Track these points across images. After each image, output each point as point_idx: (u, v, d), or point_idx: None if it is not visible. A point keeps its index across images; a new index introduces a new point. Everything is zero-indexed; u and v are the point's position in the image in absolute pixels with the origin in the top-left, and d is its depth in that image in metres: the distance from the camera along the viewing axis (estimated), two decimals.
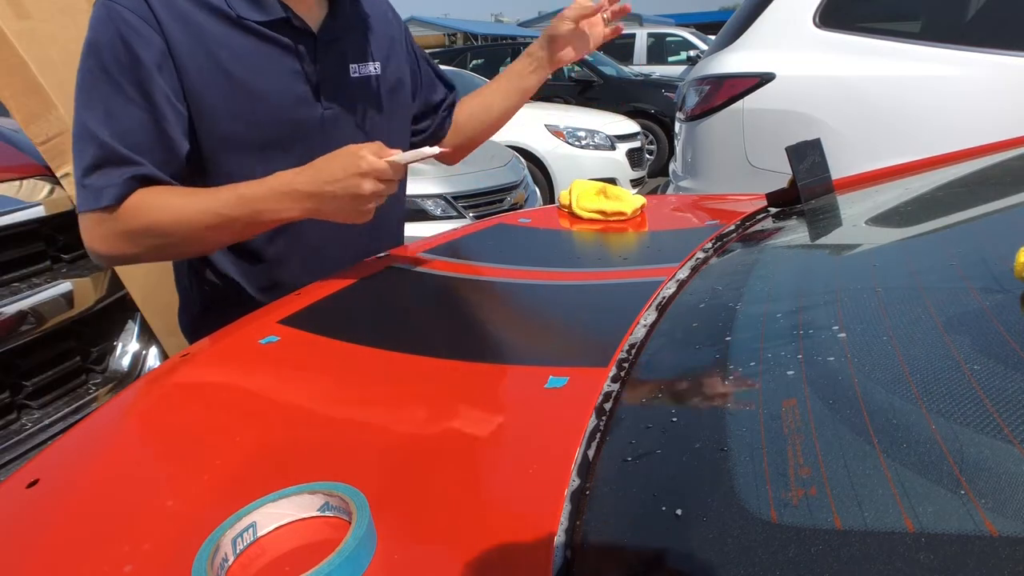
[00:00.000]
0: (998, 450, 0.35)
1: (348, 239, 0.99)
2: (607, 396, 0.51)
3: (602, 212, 1.13)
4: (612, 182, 1.64)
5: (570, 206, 1.17)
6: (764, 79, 2.22)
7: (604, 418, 0.49)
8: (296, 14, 0.89)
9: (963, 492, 0.33)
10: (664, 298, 0.71)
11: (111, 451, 0.53)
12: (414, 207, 3.03)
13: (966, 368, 0.43)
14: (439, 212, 3.15)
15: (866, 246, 0.81)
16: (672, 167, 2.87)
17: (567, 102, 7.38)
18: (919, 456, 0.36)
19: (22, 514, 0.45)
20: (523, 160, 4.08)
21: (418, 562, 0.37)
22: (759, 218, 1.09)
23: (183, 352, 0.69)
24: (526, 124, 5.47)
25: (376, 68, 1.03)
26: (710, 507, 0.36)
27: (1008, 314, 0.50)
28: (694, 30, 12.67)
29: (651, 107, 7.28)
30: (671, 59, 11.42)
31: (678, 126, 2.72)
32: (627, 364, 0.57)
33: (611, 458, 0.44)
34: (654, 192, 4.55)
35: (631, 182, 5.50)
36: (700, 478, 0.39)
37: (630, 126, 5.89)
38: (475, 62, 8.75)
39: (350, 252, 0.99)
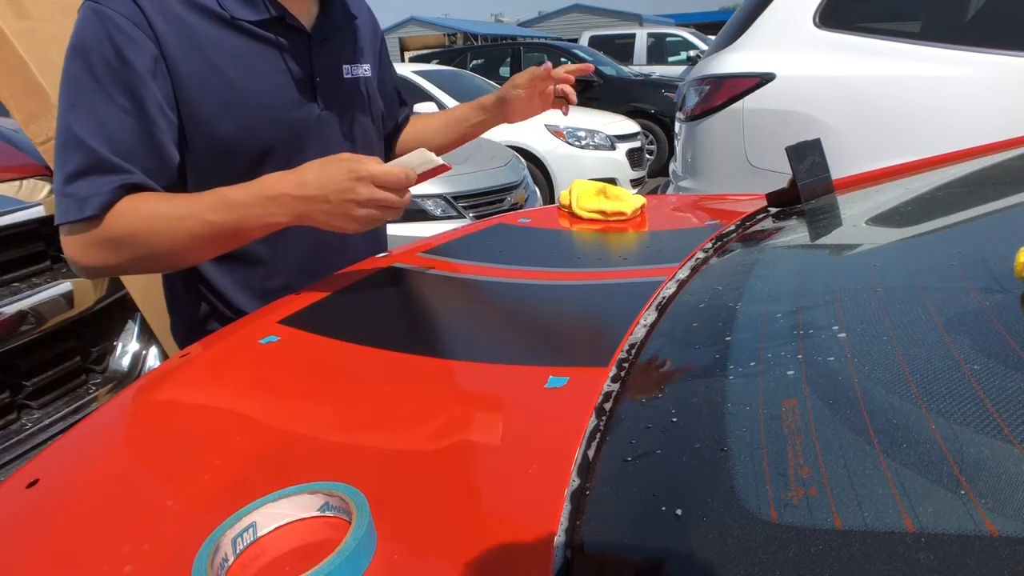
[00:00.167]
0: (998, 450, 0.35)
1: (343, 245, 0.97)
2: (607, 396, 0.51)
3: (602, 212, 1.13)
4: (612, 182, 1.64)
5: (570, 206, 1.17)
6: (764, 79, 2.22)
7: (604, 418, 0.49)
8: (290, 12, 0.87)
9: (963, 492, 0.33)
10: (664, 298, 0.71)
11: (111, 451, 0.53)
12: (414, 207, 3.04)
13: (966, 368, 0.43)
14: (439, 212, 3.15)
15: (866, 246, 0.81)
16: (672, 167, 2.87)
17: None
18: (919, 456, 0.36)
19: (22, 514, 0.45)
20: (523, 160, 4.08)
21: (418, 562, 0.37)
22: (759, 218, 1.09)
23: (183, 352, 0.69)
24: (526, 124, 5.47)
25: (366, 69, 1.02)
26: (710, 507, 0.36)
27: (1008, 314, 0.50)
28: (694, 30, 12.69)
29: (651, 107, 7.29)
30: (671, 59, 11.44)
31: (678, 126, 2.72)
32: (627, 364, 0.57)
33: (611, 458, 0.44)
34: (654, 192, 4.55)
35: (631, 182, 5.50)
36: (700, 478, 0.39)
37: (630, 126, 5.89)
38: (475, 62, 8.75)
39: (347, 259, 0.97)
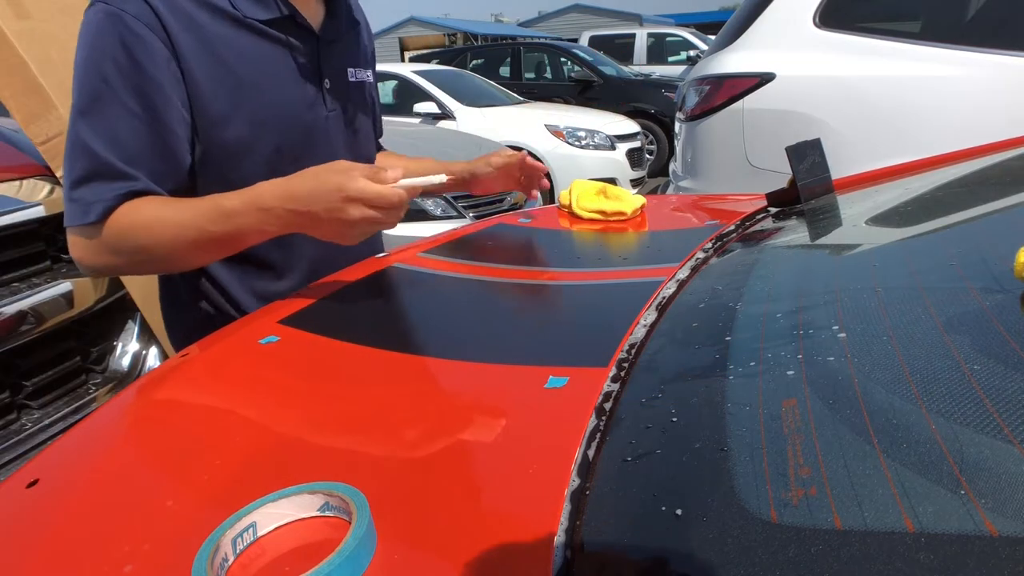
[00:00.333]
0: (998, 450, 0.35)
1: (353, 248, 0.97)
2: (607, 396, 0.51)
3: (602, 212, 1.13)
4: (612, 182, 1.64)
5: (570, 206, 1.17)
6: (764, 79, 2.22)
7: (604, 418, 0.49)
8: (299, 12, 0.88)
9: (963, 492, 0.33)
10: (664, 298, 0.71)
11: (111, 451, 0.53)
12: (414, 207, 3.03)
13: (966, 368, 0.43)
14: (439, 212, 3.15)
15: (866, 246, 0.81)
16: (672, 167, 2.87)
17: (567, 102, 7.38)
18: (919, 456, 0.36)
19: (22, 514, 0.45)
20: None
21: (418, 562, 0.37)
22: (759, 218, 1.09)
23: (183, 352, 0.69)
24: (526, 124, 5.48)
25: (369, 76, 1.02)
26: (710, 507, 0.36)
27: (1008, 314, 0.50)
28: (694, 30, 12.69)
29: (651, 107, 7.29)
30: (671, 59, 11.44)
31: (678, 126, 2.72)
32: (627, 364, 0.57)
33: (611, 458, 0.44)
34: (654, 192, 4.55)
35: (631, 182, 5.50)
36: (700, 478, 0.39)
37: (630, 126, 5.89)
38: (475, 62, 8.75)
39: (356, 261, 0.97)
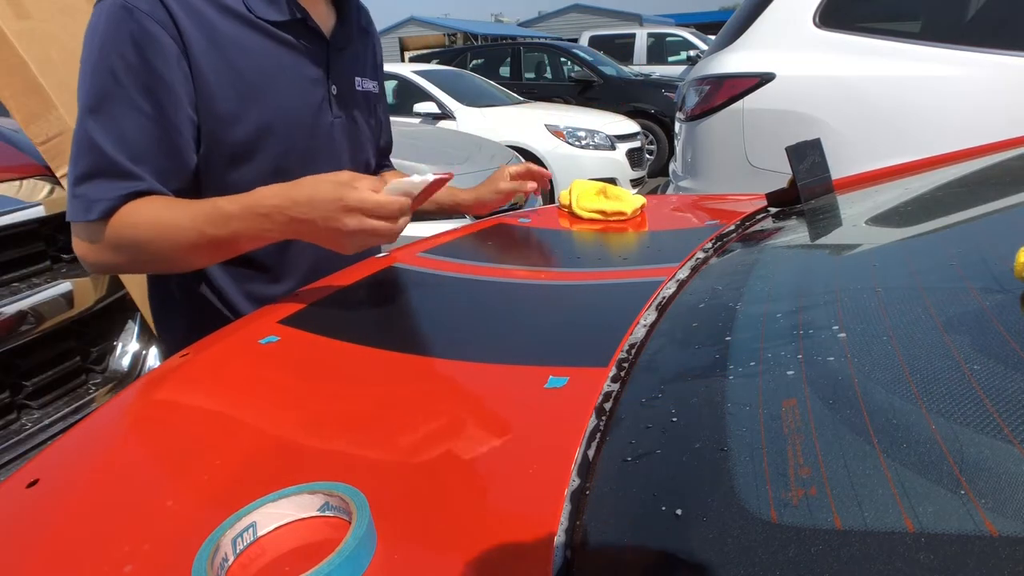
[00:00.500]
0: (998, 450, 0.35)
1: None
2: (607, 396, 0.51)
3: (602, 212, 1.13)
4: (612, 182, 1.64)
5: (570, 206, 1.17)
6: (764, 79, 2.22)
7: (604, 418, 0.49)
8: (311, 16, 0.87)
9: (963, 492, 0.33)
10: (664, 298, 0.71)
11: (111, 451, 0.53)
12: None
13: (966, 368, 0.43)
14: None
15: (866, 246, 0.81)
16: (672, 167, 2.87)
17: (567, 102, 7.38)
18: (919, 456, 0.36)
19: (22, 514, 0.45)
20: (523, 160, 4.08)
21: (418, 562, 0.37)
22: (759, 218, 1.09)
23: (183, 352, 0.69)
24: (526, 124, 5.48)
25: (374, 86, 1.02)
26: (710, 507, 0.36)
27: (1008, 314, 0.50)
28: (694, 30, 12.69)
29: (651, 107, 7.29)
30: (671, 59, 11.45)
31: (678, 126, 2.72)
32: (627, 364, 0.57)
33: (611, 458, 0.44)
34: (654, 192, 4.55)
35: (631, 182, 5.50)
36: (700, 478, 0.39)
37: (630, 126, 5.89)
38: (475, 62, 8.75)
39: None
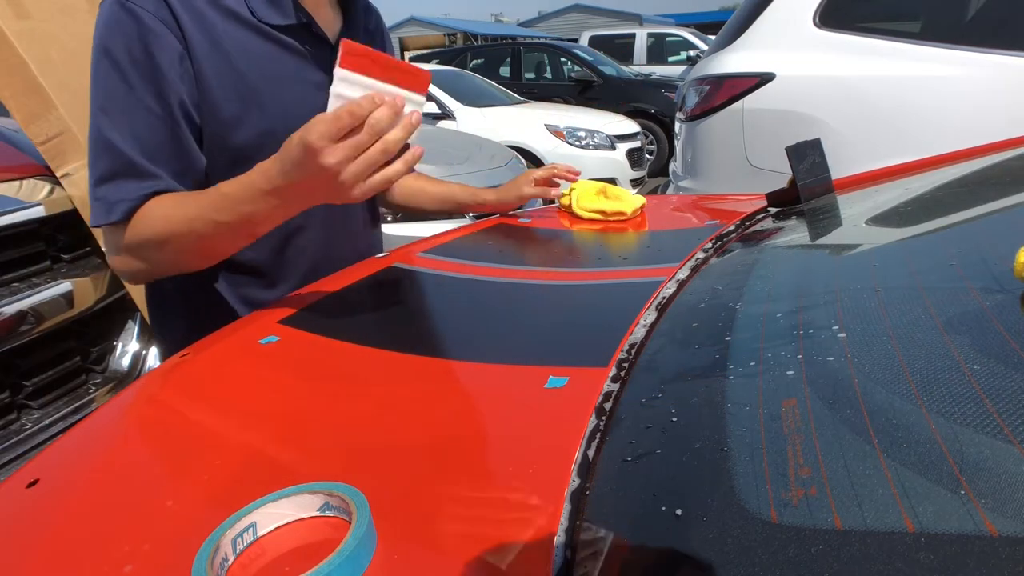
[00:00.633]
0: (998, 450, 0.35)
1: (348, 255, 0.97)
2: (607, 396, 0.51)
3: (602, 212, 1.13)
4: (612, 182, 1.64)
5: (570, 206, 1.17)
6: (764, 79, 2.22)
7: (604, 418, 0.49)
8: (315, 21, 0.86)
9: (963, 492, 0.33)
10: (664, 298, 0.71)
11: (111, 451, 0.53)
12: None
13: (966, 368, 0.43)
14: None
15: (866, 246, 0.81)
16: (672, 167, 2.87)
17: (567, 102, 7.38)
18: (919, 456, 0.36)
19: (22, 514, 0.45)
20: (523, 160, 4.08)
21: (418, 562, 0.37)
22: (759, 218, 1.09)
23: (183, 352, 0.69)
24: (526, 124, 5.48)
25: None
26: (710, 507, 0.36)
27: (1008, 314, 0.50)
28: (694, 30, 12.70)
29: (651, 107, 7.29)
30: (671, 59, 11.45)
31: (678, 126, 2.72)
32: (627, 364, 0.57)
33: (611, 458, 0.44)
34: (654, 192, 4.56)
35: (631, 182, 5.50)
36: (700, 478, 0.39)
37: (630, 126, 5.89)
38: (475, 62, 8.75)
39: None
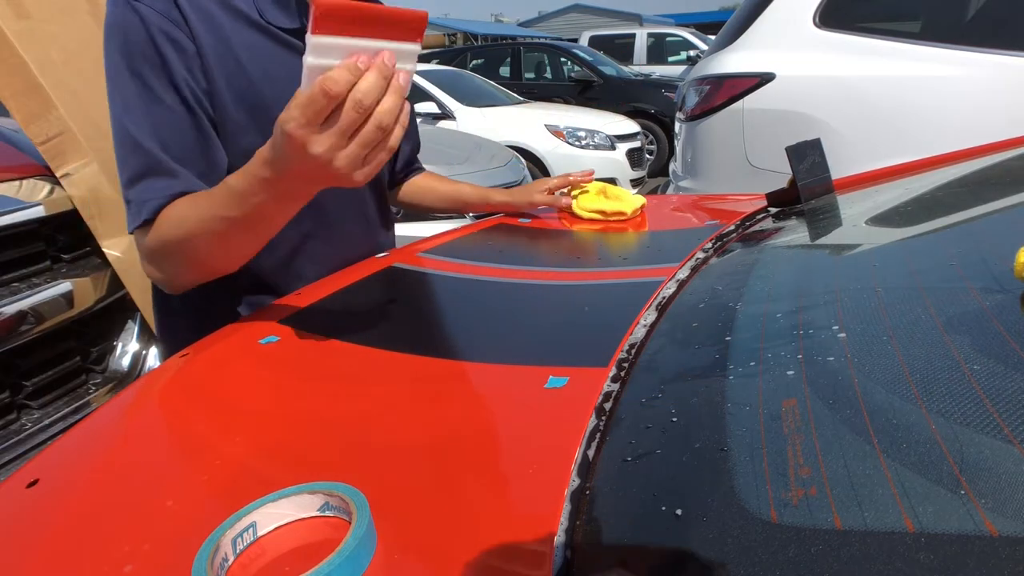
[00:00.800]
0: (998, 450, 0.35)
1: (349, 254, 0.96)
2: (607, 396, 0.51)
3: (602, 212, 1.13)
4: (612, 182, 1.64)
5: (570, 206, 1.17)
6: (764, 79, 2.22)
7: (604, 418, 0.49)
8: None
9: (963, 492, 0.33)
10: (664, 298, 0.71)
11: (111, 451, 0.53)
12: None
13: (966, 368, 0.43)
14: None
15: (866, 246, 0.81)
16: (672, 167, 2.87)
17: (567, 102, 7.38)
18: (919, 456, 0.36)
19: (22, 514, 0.45)
20: (523, 160, 4.08)
21: (418, 562, 0.37)
22: (759, 218, 1.09)
23: (183, 352, 0.69)
24: (526, 124, 5.48)
25: None
26: (710, 507, 0.36)
27: (1008, 314, 0.50)
28: (694, 30, 12.70)
29: (651, 107, 7.30)
30: (671, 59, 11.46)
31: (678, 126, 2.73)
32: (627, 364, 0.57)
33: (611, 458, 0.44)
34: (654, 192, 4.56)
35: (631, 182, 5.50)
36: (700, 478, 0.39)
37: (630, 126, 5.89)
38: (475, 62, 8.75)
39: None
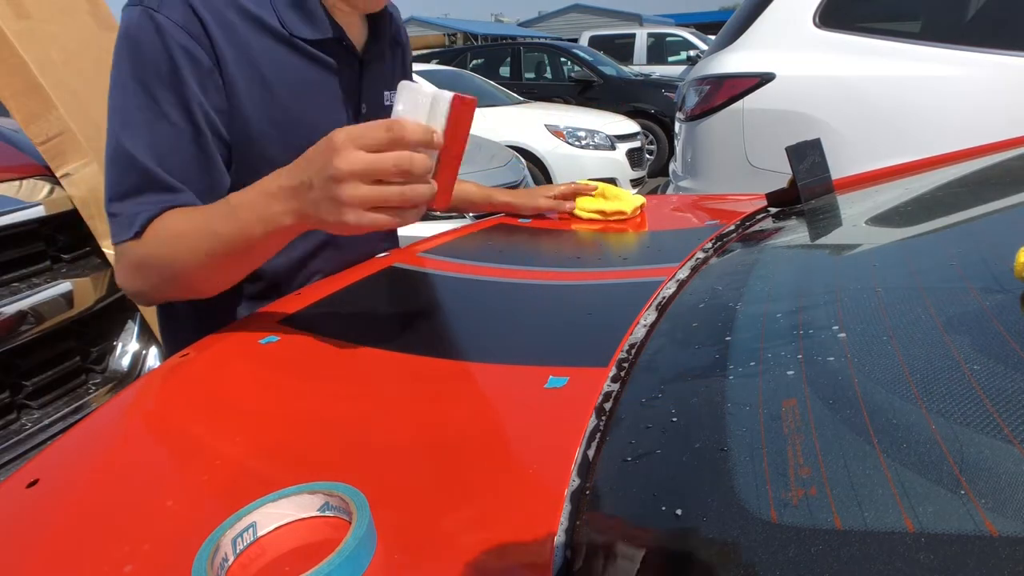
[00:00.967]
0: (998, 450, 0.35)
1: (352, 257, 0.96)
2: (607, 396, 0.51)
3: (602, 212, 1.13)
4: (612, 182, 1.64)
5: (572, 209, 1.17)
6: (764, 79, 2.22)
7: (604, 418, 0.49)
8: (346, 34, 0.85)
9: (963, 492, 0.33)
10: (664, 298, 0.71)
11: (111, 451, 0.53)
12: None
13: (966, 368, 0.43)
14: (439, 212, 3.14)
15: (866, 246, 0.81)
16: (672, 167, 2.87)
17: (567, 102, 7.39)
18: (919, 456, 0.36)
19: (22, 514, 0.45)
20: (523, 160, 4.08)
21: (418, 562, 0.37)
22: (759, 218, 1.09)
23: (183, 352, 0.69)
24: (526, 124, 5.48)
25: None
26: (710, 507, 0.36)
27: (1008, 314, 0.50)
28: (694, 30, 12.70)
29: (651, 107, 7.30)
30: (671, 59, 11.46)
31: (678, 126, 2.72)
32: (627, 364, 0.57)
33: (611, 458, 0.44)
34: (654, 192, 4.56)
35: (631, 182, 5.50)
36: (700, 478, 0.39)
37: (630, 126, 5.89)
38: (475, 62, 8.75)
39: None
